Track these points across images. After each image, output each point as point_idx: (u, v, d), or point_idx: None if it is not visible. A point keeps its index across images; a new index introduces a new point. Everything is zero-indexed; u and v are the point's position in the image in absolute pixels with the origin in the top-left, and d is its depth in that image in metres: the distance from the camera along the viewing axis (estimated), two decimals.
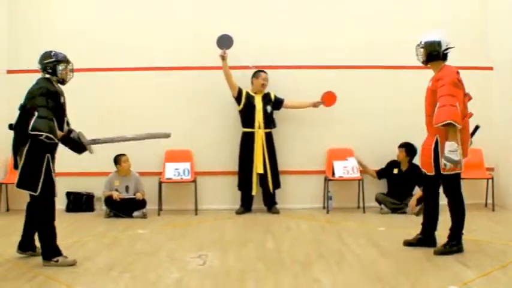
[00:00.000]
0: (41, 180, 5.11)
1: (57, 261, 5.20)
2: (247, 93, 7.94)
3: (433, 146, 5.47)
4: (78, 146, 5.44)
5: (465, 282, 4.67)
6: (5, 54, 8.14)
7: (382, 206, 7.80)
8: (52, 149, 5.25)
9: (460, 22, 8.06)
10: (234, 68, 7.94)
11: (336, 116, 8.17)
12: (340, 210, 7.95)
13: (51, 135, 5.08)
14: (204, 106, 8.20)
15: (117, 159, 7.79)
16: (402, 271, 5.02)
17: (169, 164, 7.97)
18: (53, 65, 5.38)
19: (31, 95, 5.21)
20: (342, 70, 8.20)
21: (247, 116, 7.91)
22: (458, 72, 5.47)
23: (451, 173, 5.39)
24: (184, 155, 8.12)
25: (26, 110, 5.18)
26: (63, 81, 5.47)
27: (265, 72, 7.99)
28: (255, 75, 7.98)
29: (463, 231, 5.58)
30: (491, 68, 8.14)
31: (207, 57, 8.03)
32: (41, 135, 5.05)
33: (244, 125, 7.92)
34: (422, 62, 5.68)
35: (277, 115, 8.05)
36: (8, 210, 8.04)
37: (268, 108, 7.92)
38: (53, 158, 5.29)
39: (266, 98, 7.97)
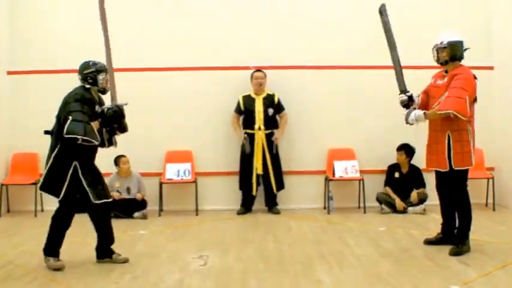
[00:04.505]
0: (65, 186, 5.10)
1: (48, 260, 5.21)
2: (244, 98, 7.92)
3: (446, 142, 5.48)
4: (118, 117, 5.29)
5: (466, 281, 4.68)
6: (5, 55, 8.13)
7: (383, 205, 7.80)
8: (83, 157, 5.20)
9: (462, 22, 8.03)
10: (236, 68, 7.99)
11: (337, 116, 8.17)
12: (340, 210, 7.94)
13: (87, 138, 5.00)
14: (204, 106, 8.18)
15: (117, 161, 7.77)
16: (403, 271, 5.03)
17: (170, 164, 7.97)
18: (94, 75, 5.29)
19: (66, 102, 5.14)
20: (343, 70, 8.18)
21: (247, 117, 7.91)
22: (474, 75, 5.53)
23: (462, 168, 5.47)
24: (184, 155, 8.11)
25: (61, 117, 5.12)
26: (104, 91, 5.40)
27: (260, 71, 7.96)
28: (251, 76, 7.97)
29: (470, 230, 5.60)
30: (492, 68, 8.14)
31: (208, 58, 8.05)
32: (77, 139, 5.00)
33: (245, 126, 7.92)
34: (442, 63, 5.62)
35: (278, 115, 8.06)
36: (8, 211, 8.03)
37: (270, 110, 7.87)
38: (88, 164, 5.26)
39: (268, 99, 7.92)
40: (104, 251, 5.42)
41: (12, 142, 8.02)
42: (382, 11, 5.81)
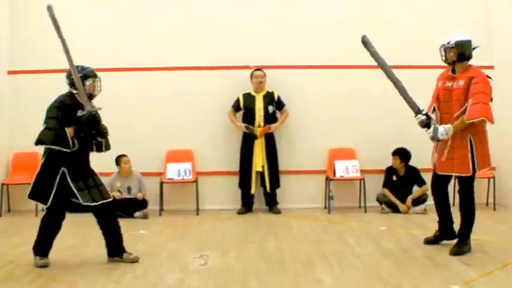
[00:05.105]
0: (53, 193, 5.10)
1: (35, 258, 5.24)
2: (244, 96, 7.96)
3: (469, 146, 5.42)
4: (92, 122, 5.18)
5: (467, 281, 4.68)
6: (5, 55, 8.13)
7: (383, 206, 7.80)
8: (71, 163, 5.17)
9: (462, 22, 8.02)
10: (236, 68, 8.01)
11: (337, 115, 8.17)
12: (341, 210, 7.94)
13: (54, 146, 5.03)
14: (205, 106, 8.17)
15: (118, 160, 7.77)
16: (404, 271, 5.02)
17: (171, 164, 7.97)
18: (81, 80, 5.24)
19: (47, 110, 5.17)
20: (344, 70, 8.17)
21: (247, 115, 7.93)
22: (488, 75, 5.51)
23: (483, 170, 5.50)
24: (185, 155, 8.11)
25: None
26: (91, 96, 5.35)
27: (260, 70, 7.98)
28: (251, 75, 7.99)
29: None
30: (492, 67, 8.12)
31: (208, 58, 8.06)
32: (49, 147, 5.05)
33: (245, 123, 7.91)
34: (450, 63, 5.54)
35: (279, 114, 8.06)
36: (9, 211, 8.03)
37: (270, 108, 7.90)
38: (78, 169, 5.22)
39: (268, 97, 7.94)
40: (115, 249, 5.39)
41: (13, 142, 8.02)
42: (366, 42, 5.65)
